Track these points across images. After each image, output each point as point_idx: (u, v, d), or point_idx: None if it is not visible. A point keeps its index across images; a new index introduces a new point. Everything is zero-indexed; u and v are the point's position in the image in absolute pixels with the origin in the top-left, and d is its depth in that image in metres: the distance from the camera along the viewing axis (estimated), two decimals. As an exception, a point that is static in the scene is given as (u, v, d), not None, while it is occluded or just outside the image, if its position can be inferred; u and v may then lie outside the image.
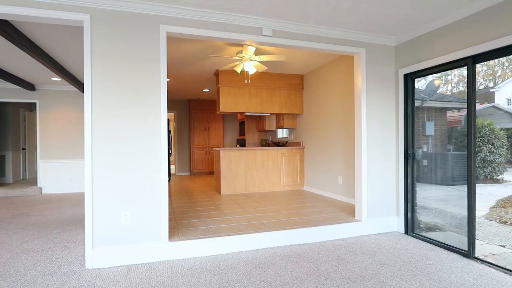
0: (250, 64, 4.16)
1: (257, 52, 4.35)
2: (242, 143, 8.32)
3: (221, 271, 2.54)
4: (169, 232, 2.97)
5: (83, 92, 6.91)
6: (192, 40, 3.98)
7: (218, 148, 5.56)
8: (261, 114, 5.98)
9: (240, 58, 4.18)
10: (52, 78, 6.00)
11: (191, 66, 5.20)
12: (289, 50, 4.42)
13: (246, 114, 5.95)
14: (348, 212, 3.98)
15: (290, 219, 3.66)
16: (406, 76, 3.51)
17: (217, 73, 5.56)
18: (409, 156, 3.51)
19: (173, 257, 2.81)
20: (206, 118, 8.98)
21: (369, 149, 3.56)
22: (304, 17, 3.05)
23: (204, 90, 7.36)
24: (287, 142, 6.52)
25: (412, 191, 3.50)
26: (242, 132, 8.55)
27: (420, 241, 3.27)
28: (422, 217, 3.71)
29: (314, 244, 3.18)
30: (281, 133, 6.95)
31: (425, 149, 4.11)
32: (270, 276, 2.44)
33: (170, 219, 3.61)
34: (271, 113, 5.92)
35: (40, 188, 6.68)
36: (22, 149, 8.26)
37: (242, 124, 8.55)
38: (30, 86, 6.43)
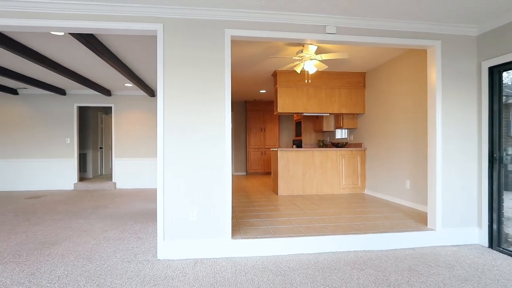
0: (310, 64, 4.09)
1: (318, 51, 4.26)
2: (298, 144, 8.23)
3: (284, 272, 2.52)
4: (231, 230, 3.05)
5: (151, 97, 7.52)
6: (252, 42, 4.05)
7: (276, 149, 5.57)
8: (319, 114, 5.85)
9: (300, 58, 4.12)
10: (125, 84, 6.63)
11: (249, 68, 5.30)
12: (350, 47, 4.24)
13: (304, 114, 5.86)
14: (418, 219, 3.66)
15: (352, 223, 3.50)
16: (491, 69, 3.11)
17: (275, 74, 5.58)
18: (495, 160, 3.09)
19: (236, 255, 2.88)
20: (262, 119, 9.09)
21: (445, 151, 3.22)
22: (371, 11, 2.88)
23: (261, 91, 7.46)
24: (346, 143, 6.26)
25: (498, 199, 3.08)
26: (298, 132, 8.46)
27: (509, 257, 2.86)
28: (511, 230, 3.25)
29: (381, 252, 2.98)
30: (340, 134, 6.69)
31: (510, 152, 3.59)
32: (334, 282, 2.35)
33: (231, 218, 3.71)
34: (330, 113, 5.75)
35: (115, 183, 7.43)
36: (100, 148, 9.30)
37: (298, 124, 8.46)
38: (107, 92, 7.20)
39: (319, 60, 4.20)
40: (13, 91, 7.03)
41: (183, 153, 2.86)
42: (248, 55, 4.57)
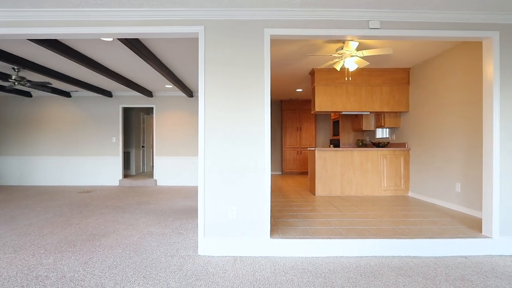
0: (351, 61, 3.95)
1: (359, 47, 4.10)
2: (336, 144, 8.03)
3: (324, 274, 2.46)
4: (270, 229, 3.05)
5: (189, 97, 7.76)
6: (289, 41, 4.01)
7: (313, 148, 5.47)
8: (359, 113, 5.64)
9: (340, 55, 4.01)
10: (166, 86, 6.92)
11: (286, 67, 5.26)
12: (394, 41, 4.04)
13: (343, 113, 5.70)
14: (470, 225, 3.39)
15: (396, 227, 3.33)
16: (560, 61, 2.78)
17: (312, 72, 5.48)
18: None
19: (274, 254, 2.87)
20: (298, 118, 8.99)
21: (504, 152, 2.94)
22: (420, 2, 2.71)
23: (297, 90, 7.38)
24: (388, 143, 5.98)
25: None
26: (336, 132, 8.25)
27: None
28: None
29: (429, 259, 2.80)
30: (381, 133, 6.41)
31: None
32: (379, 287, 2.25)
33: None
34: (370, 112, 5.52)
35: (155, 180, 7.78)
36: (142, 146, 9.79)
37: (336, 123, 8.25)
38: (149, 93, 7.56)
39: (360, 57, 4.04)
40: (67, 94, 7.65)
41: (223, 151, 2.91)
42: (285, 53, 4.53)
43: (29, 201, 5.57)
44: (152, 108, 9.23)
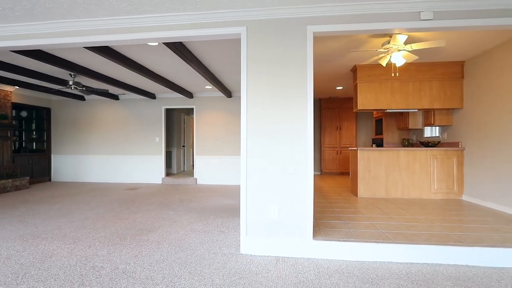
0: (398, 55, 3.74)
1: (407, 41, 3.87)
2: (378, 143, 7.67)
3: (372, 280, 2.35)
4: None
5: (228, 97, 7.89)
6: (331, 37, 3.89)
7: (355, 148, 5.27)
8: (406, 110, 5.33)
9: (386, 50, 3.80)
10: (206, 86, 7.10)
11: (326, 64, 5.12)
12: (446, 33, 3.74)
13: (387, 111, 5.42)
14: (539, 234, 3.04)
15: (450, 233, 3.08)
16: None
17: (354, 69, 5.28)
18: None
19: (317, 256, 2.80)
20: (337, 117, 8.74)
21: None
22: (480, -11, 2.48)
23: (337, 88, 7.16)
24: (439, 142, 5.57)
25: None
26: (378, 131, 7.87)
27: None
28: None
29: (489, 269, 2.55)
30: (430, 132, 6.00)
31: None
32: (434, 298, 2.09)
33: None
34: (418, 109, 5.19)
35: (196, 179, 8.02)
36: (182, 146, 10.16)
37: (378, 122, 7.87)
38: (189, 94, 7.81)
39: (408, 51, 3.81)
40: (115, 97, 8.17)
41: (264, 151, 2.90)
42: (326, 50, 4.41)
43: (83, 196, 6.03)
44: (192, 108, 9.56)
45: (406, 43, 3.84)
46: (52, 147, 8.60)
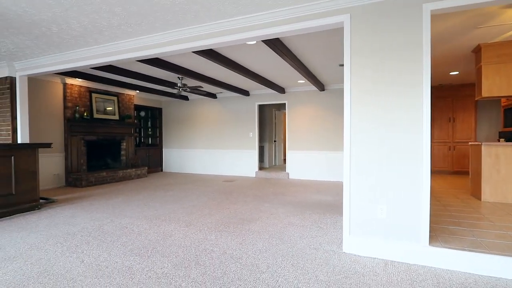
0: (547, 25, 2.97)
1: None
2: (509, 137, 6.30)
3: (513, 303, 1.93)
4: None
5: (320, 91, 7.69)
6: (448, 15, 3.34)
7: (479, 143, 4.44)
8: (552, 95, 4.23)
9: (528, 20, 3.06)
10: (298, 81, 7.05)
11: (440, 46, 4.44)
12: None
13: (523, 97, 4.40)
14: None
15: None
16: None
17: (478, 49, 4.42)
18: None
19: (435, 265, 2.46)
20: (450, 107, 7.54)
21: None
22: None
23: (452, 73, 6.17)
24: None
25: None
26: (508, 122, 6.47)
27: None
28: None
29: None
30: None
31: None
32: None
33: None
34: None
35: (288, 174, 8.10)
36: (274, 141, 10.39)
37: (508, 112, 6.46)
38: (281, 90, 7.90)
39: (561, 19, 2.98)
40: (213, 96, 8.88)
41: (371, 146, 2.69)
42: (440, 30, 3.82)
43: (189, 186, 6.77)
44: (283, 104, 9.69)
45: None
46: (163, 141, 9.95)
